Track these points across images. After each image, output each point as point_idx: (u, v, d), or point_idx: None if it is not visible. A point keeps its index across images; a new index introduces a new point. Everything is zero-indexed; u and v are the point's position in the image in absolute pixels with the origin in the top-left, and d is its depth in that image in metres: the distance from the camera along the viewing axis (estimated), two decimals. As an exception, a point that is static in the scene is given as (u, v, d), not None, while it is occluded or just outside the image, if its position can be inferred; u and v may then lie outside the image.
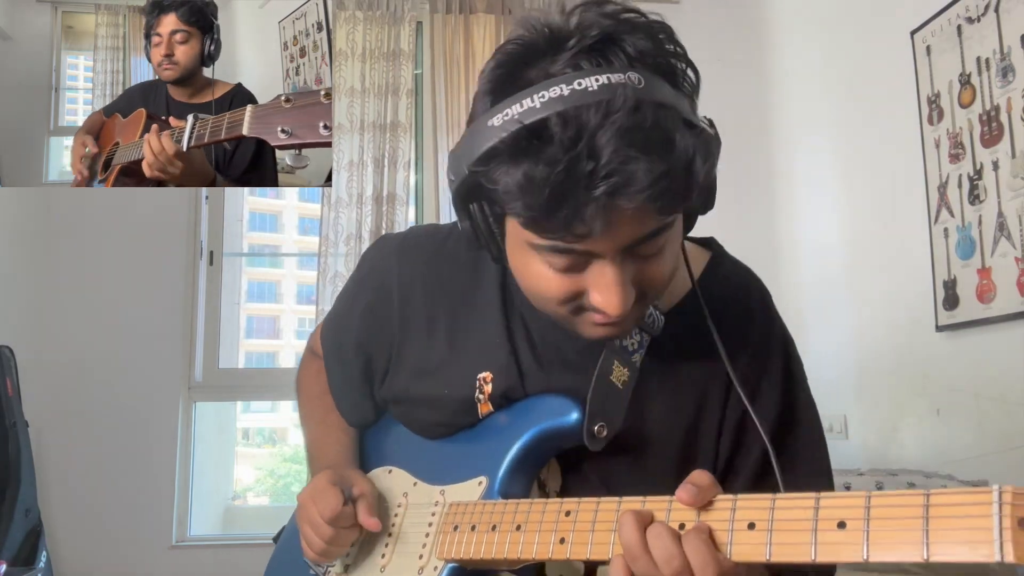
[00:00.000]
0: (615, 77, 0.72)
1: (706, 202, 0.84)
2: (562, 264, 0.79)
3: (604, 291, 0.78)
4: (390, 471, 1.04)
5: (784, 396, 0.95)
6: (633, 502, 0.73)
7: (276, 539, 1.17)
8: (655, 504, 0.72)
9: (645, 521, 0.70)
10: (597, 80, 0.71)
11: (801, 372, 0.98)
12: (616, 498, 0.75)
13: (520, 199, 0.73)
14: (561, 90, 0.71)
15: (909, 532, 0.55)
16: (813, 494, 0.62)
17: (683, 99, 0.77)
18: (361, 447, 1.11)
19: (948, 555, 0.53)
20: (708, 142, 0.77)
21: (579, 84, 0.71)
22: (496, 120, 0.74)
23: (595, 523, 0.75)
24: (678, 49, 0.80)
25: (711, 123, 0.81)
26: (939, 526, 0.54)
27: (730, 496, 0.68)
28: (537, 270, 0.81)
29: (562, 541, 0.77)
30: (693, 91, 0.80)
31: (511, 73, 0.77)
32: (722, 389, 0.94)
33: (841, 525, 0.59)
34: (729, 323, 0.93)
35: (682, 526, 0.68)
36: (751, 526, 0.65)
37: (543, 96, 0.71)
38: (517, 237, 0.81)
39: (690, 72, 0.80)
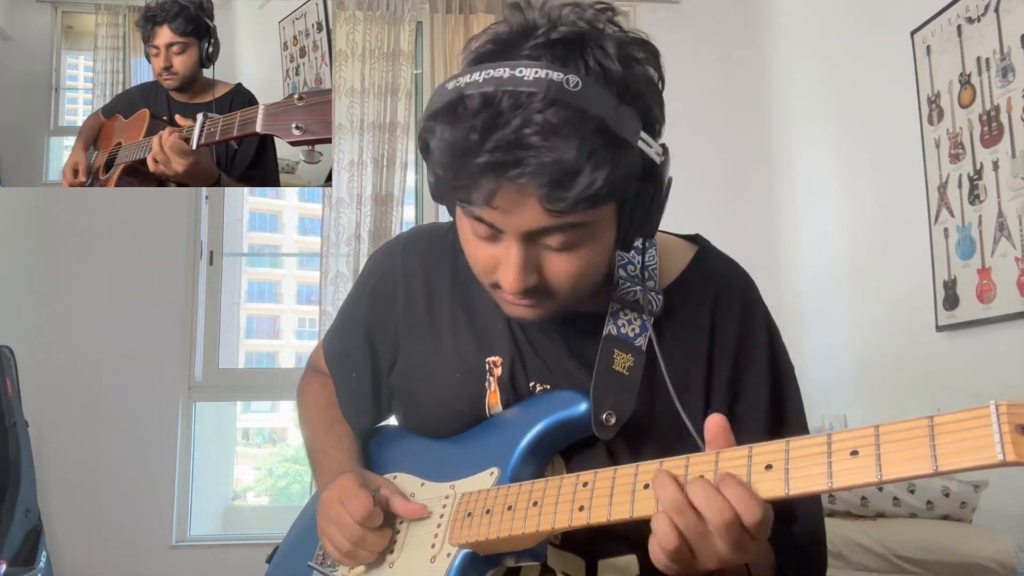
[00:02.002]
0: (554, 75, 0.76)
1: (642, 222, 0.86)
2: (481, 232, 0.85)
3: (504, 267, 0.84)
4: (395, 477, 1.04)
5: (772, 377, 0.98)
6: (650, 465, 0.75)
7: (269, 560, 1.16)
8: (672, 463, 0.74)
9: (681, 480, 0.72)
10: (535, 73, 0.76)
11: (785, 354, 1.01)
12: (633, 464, 0.77)
13: (437, 157, 0.80)
14: (503, 72, 0.77)
15: (918, 450, 0.60)
16: (825, 434, 0.66)
17: (626, 116, 0.78)
18: (364, 458, 1.11)
19: (955, 464, 0.58)
20: (628, 161, 0.79)
21: (520, 72, 0.76)
22: (450, 85, 0.80)
23: (614, 488, 0.77)
24: (649, 71, 0.82)
25: (664, 151, 0.83)
26: (945, 440, 0.59)
27: (745, 446, 0.71)
28: (467, 234, 0.88)
29: (581, 509, 0.79)
30: (651, 115, 0.82)
31: (491, 52, 0.82)
32: (721, 359, 0.97)
33: (854, 453, 0.63)
34: (715, 310, 0.97)
35: (701, 476, 0.71)
36: (768, 467, 0.69)
37: (488, 74, 0.77)
38: None
39: (654, 96, 0.83)
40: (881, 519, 1.98)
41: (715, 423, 0.74)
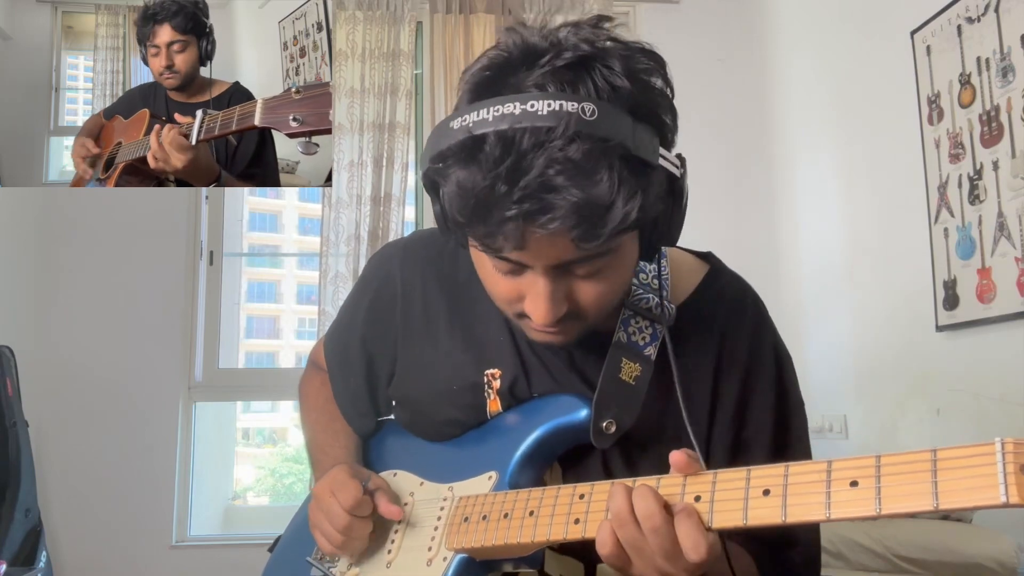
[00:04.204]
0: (568, 105, 0.73)
1: (665, 234, 0.85)
2: (504, 268, 0.83)
3: (533, 300, 0.82)
4: (395, 474, 1.05)
5: (777, 404, 0.97)
6: (648, 481, 0.75)
7: (271, 549, 1.17)
8: (669, 481, 0.74)
9: (631, 490, 0.72)
10: (549, 105, 0.73)
11: (793, 381, 1.00)
12: (631, 479, 0.76)
13: (454, 203, 0.77)
14: (514, 108, 0.73)
15: (919, 484, 0.59)
16: (825, 460, 0.65)
17: (644, 136, 0.76)
18: (364, 455, 1.12)
19: (957, 502, 0.57)
20: (654, 182, 0.78)
21: (531, 106, 0.73)
22: (455, 123, 0.76)
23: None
24: (658, 83, 0.80)
25: (681, 162, 0.82)
26: (947, 477, 0.57)
27: (743, 468, 0.70)
28: (487, 269, 0.86)
29: (576, 522, 0.78)
30: (665, 128, 0.81)
31: (490, 79, 0.79)
32: (728, 385, 0.95)
33: (853, 484, 0.62)
34: (724, 334, 0.96)
35: (698, 498, 0.71)
36: (766, 492, 0.67)
37: (497, 110, 0.74)
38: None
39: (666, 107, 0.81)
40: (881, 519, 1.97)
41: (679, 460, 0.72)
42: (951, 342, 2.34)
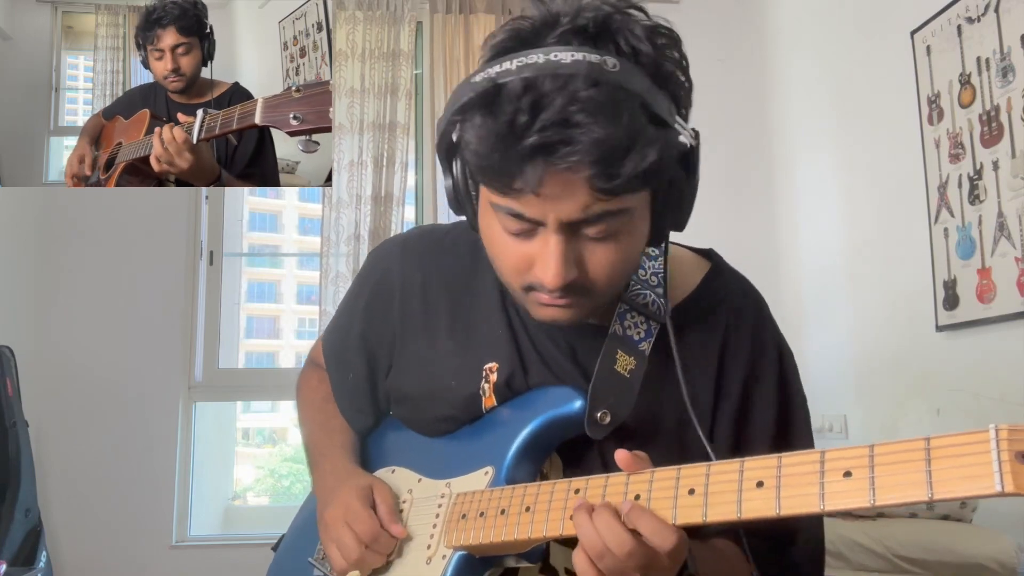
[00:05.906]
0: (591, 56, 0.75)
1: (676, 210, 0.86)
2: (514, 228, 0.82)
3: (543, 260, 0.81)
4: (393, 471, 1.05)
5: (779, 401, 0.97)
6: (642, 475, 0.75)
7: (275, 548, 1.17)
8: (663, 474, 0.74)
9: (590, 509, 0.75)
10: (573, 56, 0.74)
11: (796, 378, 1.00)
12: (623, 473, 0.77)
13: (473, 147, 0.78)
14: (537, 58, 0.75)
15: (913, 475, 0.58)
16: (818, 451, 0.65)
17: (662, 99, 0.78)
18: (362, 451, 1.12)
19: (951, 492, 0.56)
20: (670, 142, 0.79)
21: (555, 56, 0.75)
22: (478, 77, 0.78)
23: (605, 497, 0.77)
24: (676, 55, 0.81)
25: (696, 135, 0.83)
26: (941, 466, 0.57)
27: (737, 459, 0.70)
28: (497, 233, 0.85)
29: (572, 517, 0.78)
30: (680, 100, 0.82)
31: (511, 43, 0.80)
32: (731, 381, 0.96)
33: (847, 474, 0.62)
34: (726, 330, 0.96)
35: (608, 505, 0.75)
36: (759, 484, 0.67)
37: (521, 61, 0.75)
38: (485, 199, 0.85)
39: (683, 79, 0.82)
40: (881, 519, 1.98)
41: (624, 460, 0.75)
42: (951, 342, 2.34)
